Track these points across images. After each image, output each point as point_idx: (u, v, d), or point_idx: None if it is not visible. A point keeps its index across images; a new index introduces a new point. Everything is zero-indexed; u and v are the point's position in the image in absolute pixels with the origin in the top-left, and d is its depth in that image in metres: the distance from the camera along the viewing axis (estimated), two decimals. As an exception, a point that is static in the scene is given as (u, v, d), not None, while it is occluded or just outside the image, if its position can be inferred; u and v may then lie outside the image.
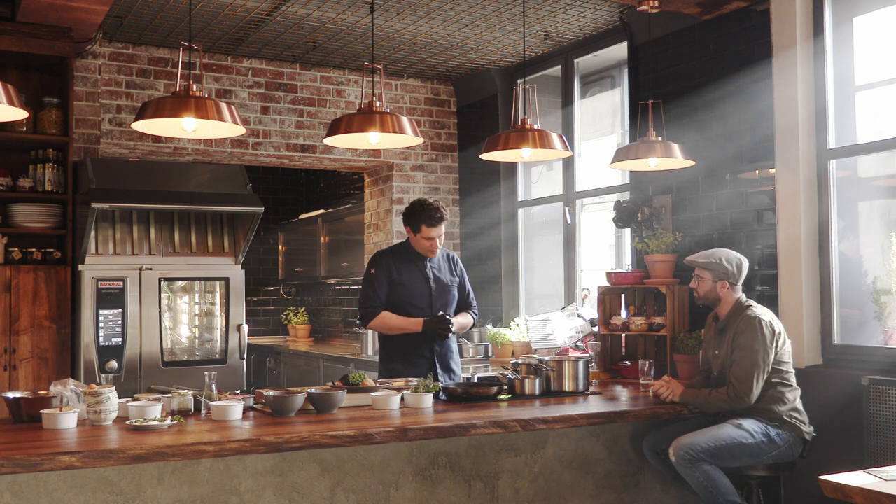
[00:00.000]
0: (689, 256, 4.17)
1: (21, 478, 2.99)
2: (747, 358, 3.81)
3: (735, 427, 3.77)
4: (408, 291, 4.56)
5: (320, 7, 5.43)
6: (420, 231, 4.53)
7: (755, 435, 3.76)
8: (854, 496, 2.55)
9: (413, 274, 4.60)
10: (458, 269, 4.79)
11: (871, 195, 4.71)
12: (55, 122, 5.37)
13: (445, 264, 4.73)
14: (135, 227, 5.62)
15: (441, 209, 4.54)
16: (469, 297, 4.81)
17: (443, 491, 3.72)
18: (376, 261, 4.65)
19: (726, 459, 3.73)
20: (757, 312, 3.92)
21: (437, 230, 4.52)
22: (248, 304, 6.22)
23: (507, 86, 6.80)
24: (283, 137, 6.62)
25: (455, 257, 4.83)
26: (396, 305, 4.55)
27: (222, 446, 3.03)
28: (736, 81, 4.85)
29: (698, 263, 4.08)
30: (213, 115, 3.48)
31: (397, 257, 4.64)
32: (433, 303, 4.59)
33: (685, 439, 3.72)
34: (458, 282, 4.75)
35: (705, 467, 3.67)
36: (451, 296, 4.70)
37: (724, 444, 3.71)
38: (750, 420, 3.81)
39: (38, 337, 5.25)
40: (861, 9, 4.50)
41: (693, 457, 3.66)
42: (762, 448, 3.78)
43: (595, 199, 6.27)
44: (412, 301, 4.56)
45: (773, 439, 3.79)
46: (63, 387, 3.51)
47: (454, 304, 4.71)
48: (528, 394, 4.13)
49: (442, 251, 4.71)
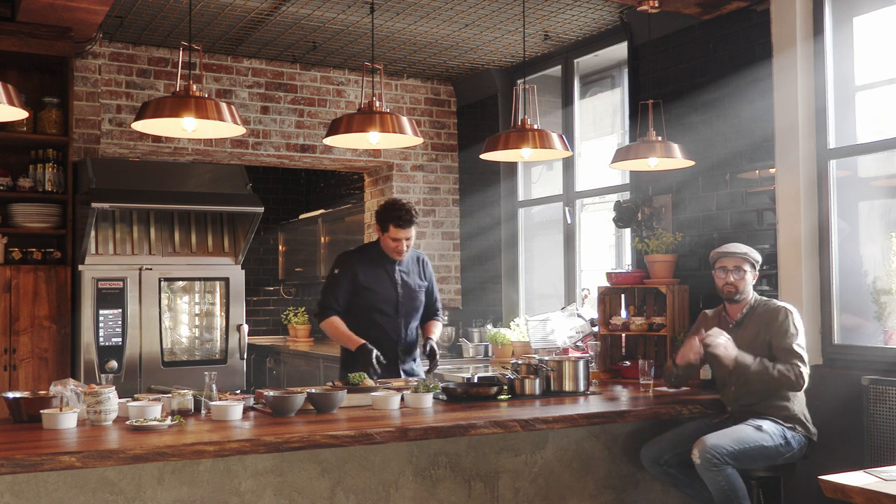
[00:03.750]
0: (720, 248, 4.07)
1: (21, 478, 2.98)
2: (797, 343, 3.80)
3: (756, 430, 3.74)
4: (374, 295, 4.46)
5: (320, 7, 5.43)
6: (388, 231, 4.41)
7: (774, 437, 3.75)
8: (854, 496, 2.55)
9: (380, 276, 4.48)
10: (427, 272, 4.67)
11: (871, 195, 4.71)
12: (55, 122, 5.37)
13: (415, 267, 4.62)
14: (135, 227, 5.62)
15: (412, 211, 4.40)
16: (436, 302, 4.71)
17: (443, 491, 3.72)
18: (341, 261, 4.54)
19: (746, 462, 3.71)
20: (782, 304, 3.94)
21: (405, 232, 4.39)
22: (248, 304, 6.22)
23: (507, 86, 6.80)
24: (283, 137, 6.62)
25: (425, 260, 4.71)
26: (362, 310, 4.45)
27: (222, 446, 3.03)
28: (736, 81, 4.85)
29: (738, 255, 3.98)
30: (213, 115, 3.48)
31: (364, 258, 4.53)
32: (399, 308, 4.50)
33: (710, 441, 3.65)
34: (427, 286, 4.64)
35: (728, 471, 3.63)
36: (419, 301, 4.59)
37: (748, 448, 3.68)
38: (767, 421, 3.79)
39: (38, 337, 5.25)
40: (861, 9, 4.49)
41: (719, 460, 3.60)
42: (779, 451, 3.77)
43: (595, 199, 6.27)
44: (378, 306, 4.46)
45: (788, 441, 3.79)
46: (63, 387, 3.51)
47: (421, 310, 4.62)
48: (528, 394, 4.13)
49: (413, 253, 4.60)
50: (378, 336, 4.42)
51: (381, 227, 4.45)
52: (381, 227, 4.45)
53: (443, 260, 7.26)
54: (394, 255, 4.47)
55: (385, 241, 4.46)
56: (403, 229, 4.39)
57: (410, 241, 4.46)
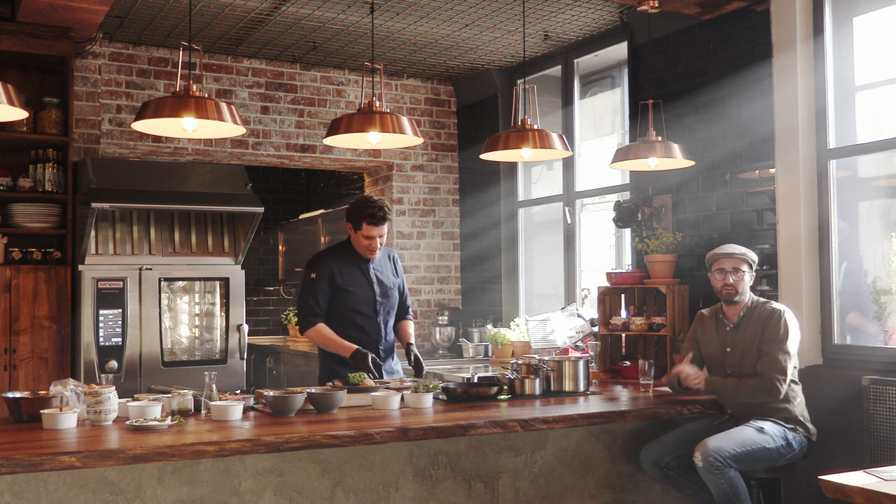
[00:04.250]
0: (716, 250, 4.06)
1: (21, 478, 2.99)
2: (781, 349, 3.79)
3: (757, 431, 3.73)
4: (352, 297, 4.38)
5: (320, 7, 5.43)
6: (361, 229, 4.33)
7: (776, 439, 3.75)
8: (854, 496, 2.55)
9: (356, 277, 4.41)
10: (398, 269, 4.61)
11: (871, 195, 4.71)
12: (55, 122, 5.37)
13: (388, 264, 4.56)
14: (135, 227, 5.62)
15: (385, 209, 4.34)
16: (406, 300, 4.63)
17: (443, 491, 3.72)
18: (316, 264, 4.42)
19: (749, 464, 3.70)
20: (778, 306, 3.93)
21: (378, 230, 4.32)
22: (248, 304, 6.21)
23: (507, 86, 6.80)
24: (283, 137, 6.62)
25: (396, 257, 4.65)
26: (341, 313, 4.39)
27: (222, 446, 3.03)
28: (736, 81, 4.85)
29: (737, 256, 3.98)
30: (213, 115, 3.48)
31: (339, 258, 4.44)
32: (378, 308, 4.43)
33: (712, 443, 3.63)
34: (399, 284, 4.58)
35: (731, 473, 3.62)
36: (395, 299, 4.53)
37: (750, 450, 3.67)
38: (769, 423, 3.79)
39: (38, 337, 5.25)
40: (861, 9, 4.49)
41: (722, 463, 3.59)
42: (781, 452, 3.77)
43: (595, 199, 6.27)
44: (357, 307, 4.39)
45: (790, 443, 3.79)
46: (63, 387, 3.51)
47: (396, 307, 4.56)
48: (528, 394, 4.13)
49: (384, 250, 4.55)
50: (359, 338, 4.37)
51: (353, 226, 4.37)
52: (354, 226, 4.36)
53: (443, 260, 7.26)
54: (367, 253, 4.38)
55: (357, 240, 4.37)
56: (377, 226, 4.32)
57: (383, 238, 4.39)
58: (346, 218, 4.42)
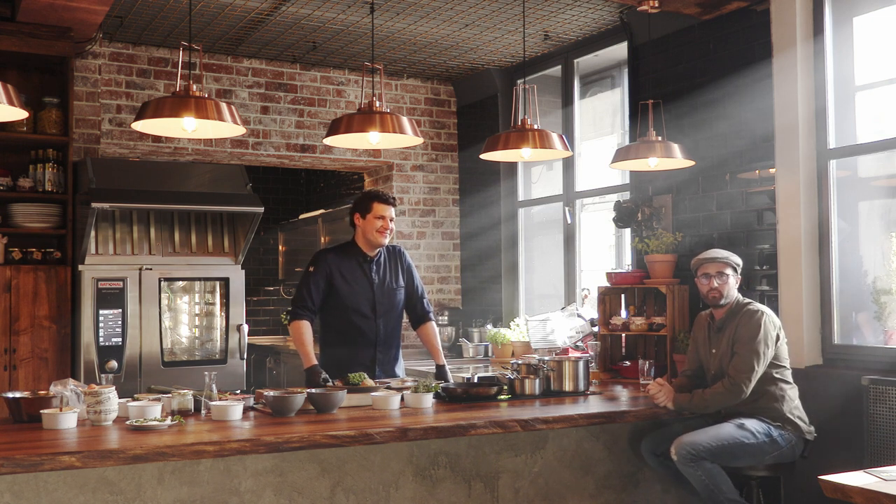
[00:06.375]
0: (700, 256, 4.11)
1: (21, 478, 2.99)
2: (749, 349, 3.80)
3: (737, 427, 3.76)
4: (350, 295, 4.37)
5: (320, 7, 5.43)
6: (371, 210, 4.33)
7: (758, 435, 3.76)
8: (854, 496, 2.55)
9: (356, 275, 4.40)
10: (405, 265, 4.54)
11: (871, 195, 4.71)
12: (55, 122, 5.37)
13: (393, 264, 4.51)
14: (135, 227, 5.62)
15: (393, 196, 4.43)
16: (423, 301, 4.58)
17: (443, 491, 3.72)
18: (316, 259, 4.43)
19: (728, 459, 3.72)
20: (759, 307, 3.94)
21: (389, 210, 4.35)
22: (248, 304, 6.21)
23: (507, 86, 6.80)
24: (283, 137, 6.62)
25: (402, 251, 4.59)
26: (338, 311, 4.39)
27: (222, 446, 3.03)
28: (736, 81, 4.85)
29: (720, 260, 4.02)
30: (213, 115, 3.48)
31: (340, 256, 4.43)
32: (377, 307, 4.41)
33: (687, 438, 3.71)
34: (407, 284, 4.53)
35: (707, 465, 3.65)
36: (398, 299, 4.49)
37: (726, 444, 3.70)
38: (752, 420, 3.80)
39: (38, 337, 5.25)
40: (861, 9, 4.50)
41: (695, 455, 3.64)
42: (764, 448, 3.77)
43: (595, 199, 6.27)
44: (354, 306, 4.37)
45: (775, 439, 3.78)
46: (63, 387, 3.51)
47: (399, 309, 4.52)
48: (528, 394, 4.13)
49: (392, 248, 4.54)
50: (355, 338, 4.38)
51: (362, 212, 4.37)
52: (363, 211, 4.37)
53: (443, 260, 7.26)
54: (378, 236, 4.36)
55: (368, 226, 4.36)
56: (388, 205, 4.35)
57: (393, 228, 4.40)
58: (351, 211, 4.42)
